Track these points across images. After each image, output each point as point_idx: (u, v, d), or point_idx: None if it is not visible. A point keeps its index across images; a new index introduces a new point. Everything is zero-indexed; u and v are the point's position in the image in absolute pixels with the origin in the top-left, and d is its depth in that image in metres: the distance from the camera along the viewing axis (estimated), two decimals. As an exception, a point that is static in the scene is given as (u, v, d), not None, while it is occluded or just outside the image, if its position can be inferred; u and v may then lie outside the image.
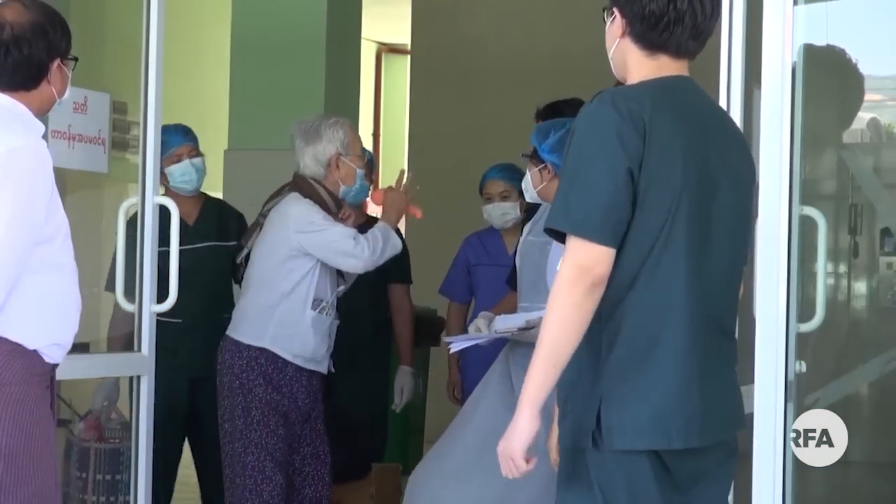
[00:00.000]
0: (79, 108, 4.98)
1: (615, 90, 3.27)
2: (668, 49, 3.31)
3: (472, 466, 5.17)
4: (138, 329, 5.02)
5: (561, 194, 3.19)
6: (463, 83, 10.70)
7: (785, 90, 4.39)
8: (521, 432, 3.20)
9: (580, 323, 3.14)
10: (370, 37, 13.67)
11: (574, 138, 3.21)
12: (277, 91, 8.24)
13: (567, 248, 3.16)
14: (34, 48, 3.60)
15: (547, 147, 4.93)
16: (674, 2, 3.27)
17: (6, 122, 3.55)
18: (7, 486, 3.48)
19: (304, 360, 5.32)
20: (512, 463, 3.22)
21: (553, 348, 3.14)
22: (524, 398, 3.18)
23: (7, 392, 3.50)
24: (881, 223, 6.37)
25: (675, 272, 3.21)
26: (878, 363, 5.68)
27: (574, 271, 3.13)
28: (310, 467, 5.42)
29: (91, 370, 5.08)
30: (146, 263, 5.02)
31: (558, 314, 3.14)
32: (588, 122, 3.20)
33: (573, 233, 3.15)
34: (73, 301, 3.65)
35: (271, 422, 5.28)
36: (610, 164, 3.15)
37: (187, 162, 5.76)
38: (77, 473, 5.26)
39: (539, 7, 10.60)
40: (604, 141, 3.16)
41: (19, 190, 3.47)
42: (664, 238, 3.19)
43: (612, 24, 3.37)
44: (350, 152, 5.39)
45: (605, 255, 3.13)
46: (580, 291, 3.12)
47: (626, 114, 3.18)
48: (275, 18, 8.39)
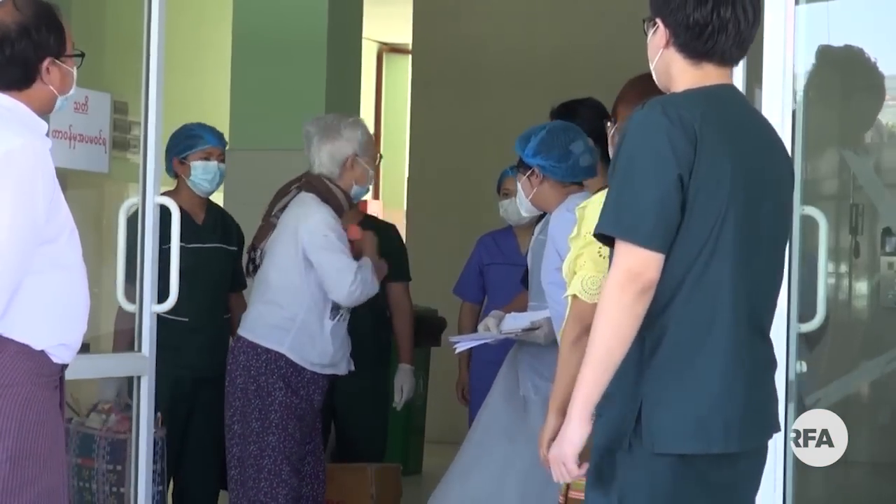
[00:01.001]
0: (80, 108, 4.98)
1: (664, 98, 3.30)
2: (712, 57, 3.34)
3: (474, 463, 5.19)
4: (139, 329, 5.02)
5: (611, 200, 3.22)
6: (463, 83, 10.70)
7: (786, 90, 4.40)
8: (573, 437, 3.20)
9: (631, 327, 3.16)
10: (371, 37, 13.67)
11: (624, 145, 3.23)
12: (278, 91, 8.24)
13: (616, 253, 3.19)
14: (17, 48, 3.60)
15: (530, 151, 4.97)
16: (718, 10, 3.29)
17: (4, 123, 3.55)
18: (12, 488, 3.47)
19: (322, 367, 5.37)
20: (564, 468, 3.23)
21: (605, 353, 3.16)
22: (575, 403, 3.19)
23: (14, 393, 3.49)
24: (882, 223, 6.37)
25: (722, 278, 3.23)
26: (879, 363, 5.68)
27: (624, 276, 3.15)
28: (308, 466, 5.42)
29: (91, 370, 5.08)
30: (147, 263, 5.02)
31: (609, 319, 3.16)
32: (638, 129, 3.23)
33: (624, 238, 3.17)
34: (81, 300, 3.64)
35: (289, 425, 5.30)
36: (661, 170, 3.18)
37: (215, 164, 5.77)
38: (109, 467, 5.24)
39: (539, 7, 10.60)
40: (655, 147, 3.19)
41: (19, 191, 3.46)
42: (712, 244, 3.22)
43: (655, 35, 3.38)
44: (366, 153, 5.41)
45: (655, 261, 3.16)
46: (630, 296, 3.15)
47: (677, 121, 3.20)
48: (276, 18, 8.39)
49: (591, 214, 3.92)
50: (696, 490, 3.25)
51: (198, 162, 5.74)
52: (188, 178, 5.75)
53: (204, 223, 5.81)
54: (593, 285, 3.85)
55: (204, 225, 5.81)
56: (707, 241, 3.22)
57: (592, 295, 3.84)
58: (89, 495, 5.28)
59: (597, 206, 3.92)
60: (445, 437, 8.55)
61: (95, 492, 5.28)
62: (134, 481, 5.03)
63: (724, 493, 3.31)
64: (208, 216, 5.85)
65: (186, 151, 5.75)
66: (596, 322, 3.17)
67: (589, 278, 3.86)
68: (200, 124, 5.88)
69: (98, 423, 5.30)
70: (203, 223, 5.81)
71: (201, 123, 5.89)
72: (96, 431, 5.28)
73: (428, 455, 9.51)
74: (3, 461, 3.46)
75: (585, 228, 3.90)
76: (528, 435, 5.05)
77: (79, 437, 5.30)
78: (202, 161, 5.74)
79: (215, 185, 5.82)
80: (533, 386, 5.25)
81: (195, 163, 5.73)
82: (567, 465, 3.22)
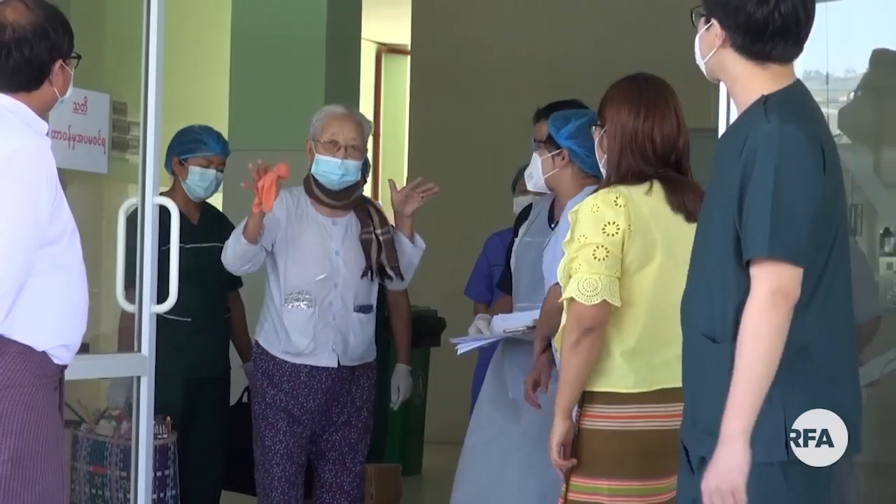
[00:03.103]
0: (79, 109, 4.98)
1: (783, 106, 3.22)
2: (774, 58, 3.28)
3: (471, 464, 5.19)
4: (138, 329, 5.02)
5: (763, 219, 3.14)
6: (463, 83, 10.70)
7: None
8: (741, 465, 3.11)
9: (781, 346, 3.12)
10: (370, 37, 13.66)
11: (763, 163, 3.16)
12: (277, 91, 8.24)
13: (763, 271, 3.13)
14: (35, 49, 3.58)
15: (566, 133, 4.83)
16: (778, 9, 3.22)
17: (7, 124, 3.54)
18: (13, 487, 3.47)
19: (292, 356, 5.28)
20: (732, 498, 3.12)
21: (763, 375, 3.11)
22: (738, 430, 3.11)
23: (16, 394, 3.49)
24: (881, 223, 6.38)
25: (843, 287, 3.27)
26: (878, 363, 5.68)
27: (778, 297, 3.11)
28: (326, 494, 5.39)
29: (91, 370, 5.08)
30: (146, 263, 5.02)
31: (764, 340, 3.11)
32: (780, 147, 3.16)
33: (784, 258, 3.13)
34: (81, 302, 3.64)
35: (281, 423, 5.26)
36: (810, 188, 3.16)
37: (213, 171, 5.74)
38: (122, 474, 5.22)
39: (539, 7, 10.60)
40: (801, 164, 3.16)
41: (21, 193, 3.46)
42: (836, 255, 3.24)
43: (708, 33, 3.30)
44: (315, 137, 5.33)
45: (800, 277, 3.15)
46: (784, 316, 3.12)
47: (812, 137, 3.19)
48: (275, 19, 8.39)
49: (582, 217, 3.91)
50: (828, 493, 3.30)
51: (196, 167, 5.71)
52: (184, 181, 5.73)
53: (200, 223, 5.81)
54: (589, 287, 3.84)
55: (200, 225, 5.80)
56: (832, 251, 3.22)
57: (589, 297, 3.83)
58: (102, 502, 5.28)
59: (588, 210, 3.93)
60: (445, 438, 8.54)
61: (109, 499, 5.28)
62: (134, 482, 5.03)
63: None
64: (203, 216, 5.85)
65: (187, 154, 5.73)
66: (748, 344, 3.11)
67: (585, 280, 3.85)
68: (207, 129, 5.85)
69: (109, 431, 5.30)
70: (199, 223, 5.80)
71: (207, 128, 5.87)
72: (108, 439, 5.28)
73: (427, 455, 9.51)
74: (4, 461, 3.46)
75: (579, 232, 3.90)
76: (522, 429, 5.06)
77: (89, 444, 5.30)
78: (201, 167, 5.72)
79: (210, 193, 5.82)
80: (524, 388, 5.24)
81: (193, 167, 5.71)
82: (737, 495, 3.11)
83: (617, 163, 3.95)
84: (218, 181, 5.78)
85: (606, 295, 3.80)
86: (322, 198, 5.32)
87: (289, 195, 5.31)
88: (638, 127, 3.92)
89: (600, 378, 3.89)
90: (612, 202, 3.87)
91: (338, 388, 5.33)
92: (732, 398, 3.11)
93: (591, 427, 3.90)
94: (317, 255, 5.28)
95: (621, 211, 3.83)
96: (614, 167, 3.96)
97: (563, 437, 3.93)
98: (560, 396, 3.93)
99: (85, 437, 5.29)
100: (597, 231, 3.86)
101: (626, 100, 3.87)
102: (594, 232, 3.86)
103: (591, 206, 3.90)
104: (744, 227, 3.17)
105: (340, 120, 5.34)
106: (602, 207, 3.88)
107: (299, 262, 5.28)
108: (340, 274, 5.32)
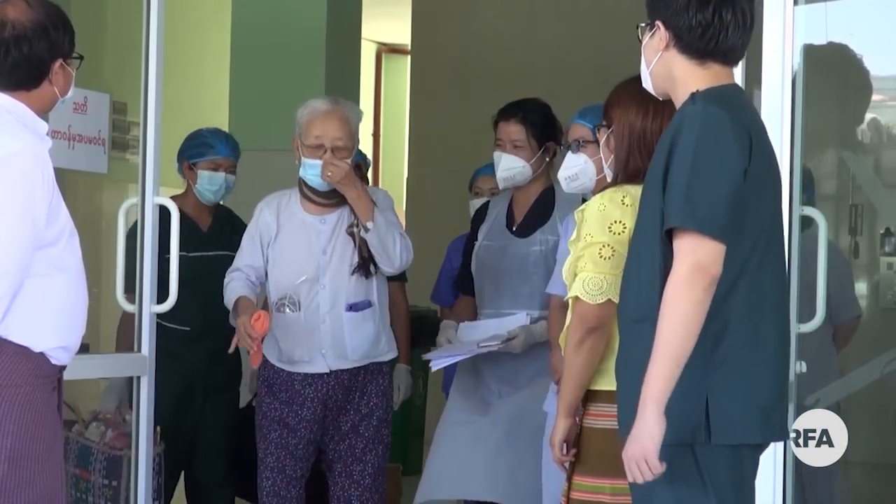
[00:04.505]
0: (79, 109, 4.98)
1: (710, 95, 3.33)
2: (716, 56, 3.40)
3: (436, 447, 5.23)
4: (138, 329, 5.02)
5: (679, 192, 3.23)
6: (463, 83, 10.70)
7: (785, 90, 4.40)
8: (654, 433, 3.19)
9: (700, 322, 3.19)
10: (370, 37, 13.67)
11: (684, 138, 3.26)
12: (277, 91, 8.23)
13: (682, 246, 3.21)
14: (35, 47, 3.57)
15: None
16: (719, 12, 3.36)
17: (4, 125, 3.53)
18: (10, 488, 3.46)
19: (284, 364, 5.15)
20: (646, 465, 3.21)
21: (678, 348, 3.18)
22: (649, 399, 3.19)
23: (13, 394, 3.49)
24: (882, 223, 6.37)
25: (774, 271, 3.33)
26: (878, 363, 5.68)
27: (695, 270, 3.18)
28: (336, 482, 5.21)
29: (91, 370, 5.08)
30: (146, 264, 5.03)
31: (680, 313, 3.18)
32: (700, 122, 3.26)
33: (700, 230, 3.20)
34: (80, 303, 3.63)
35: (273, 434, 5.14)
36: (730, 163, 3.23)
37: (223, 175, 5.73)
38: (105, 482, 5.16)
39: (539, 7, 10.60)
40: (721, 141, 3.24)
41: (19, 195, 3.45)
42: (765, 240, 3.30)
43: (653, 39, 3.44)
44: (299, 135, 5.18)
45: (721, 254, 3.21)
46: (700, 290, 3.18)
47: (737, 117, 3.29)
48: (275, 19, 8.39)
49: (589, 216, 3.92)
50: (752, 478, 3.37)
51: (205, 171, 5.71)
52: (194, 185, 5.73)
53: (210, 230, 5.79)
54: (594, 286, 3.85)
55: (209, 232, 5.78)
56: (759, 237, 3.29)
57: (594, 296, 3.84)
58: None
59: (594, 209, 3.93)
60: (445, 438, 8.53)
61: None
62: (134, 481, 5.02)
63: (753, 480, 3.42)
64: (215, 223, 5.82)
65: (196, 158, 5.73)
66: (665, 316, 3.19)
67: (590, 279, 3.86)
68: (215, 132, 5.85)
69: (97, 436, 5.24)
70: (209, 230, 5.78)
71: (216, 131, 5.87)
72: (94, 444, 5.22)
73: (427, 455, 9.50)
74: (1, 461, 3.46)
75: (586, 231, 3.90)
76: (491, 419, 5.08)
77: (78, 448, 5.25)
78: (209, 171, 5.72)
79: (220, 196, 5.80)
80: (497, 390, 5.25)
81: (202, 171, 5.71)
82: (650, 460, 3.20)
83: (625, 162, 3.95)
84: (228, 184, 5.76)
85: (611, 294, 3.80)
86: (312, 197, 5.19)
87: (278, 198, 5.24)
88: (647, 127, 3.92)
89: (604, 377, 3.89)
90: (619, 201, 3.88)
91: (337, 395, 5.15)
92: (649, 370, 3.19)
93: (595, 426, 3.90)
94: (301, 258, 5.13)
95: (628, 210, 3.83)
96: (622, 167, 3.96)
97: (566, 434, 3.94)
98: (563, 395, 3.94)
99: (75, 439, 5.25)
100: (603, 230, 3.86)
101: (634, 100, 3.87)
102: (600, 231, 3.86)
103: (598, 205, 3.91)
104: (665, 200, 3.25)
105: (324, 118, 5.14)
106: (609, 207, 3.88)
107: (284, 267, 5.16)
108: (328, 274, 5.13)
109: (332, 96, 5.29)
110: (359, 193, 5.08)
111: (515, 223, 5.38)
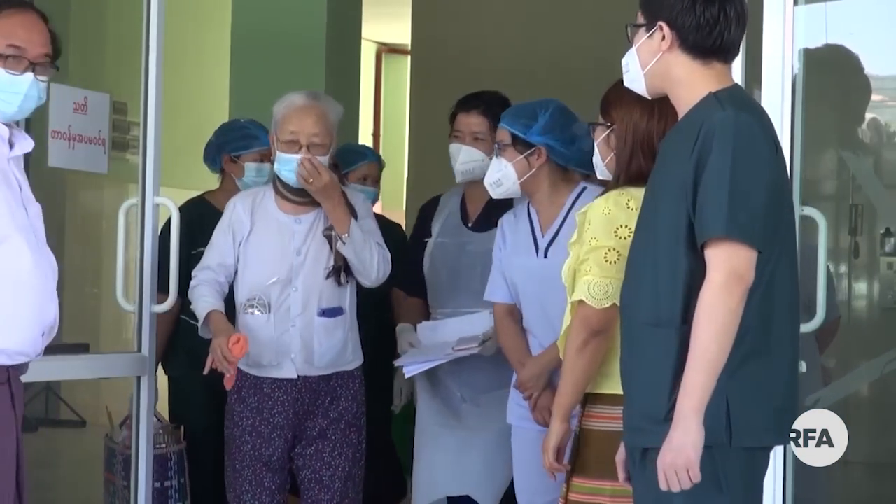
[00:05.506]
0: (79, 109, 4.98)
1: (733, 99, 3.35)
2: (719, 54, 3.41)
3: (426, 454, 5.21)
4: (138, 329, 5.02)
5: (720, 200, 3.22)
6: (463, 83, 10.65)
7: (785, 90, 4.40)
8: (696, 443, 3.19)
9: (735, 330, 3.20)
10: (370, 37, 13.68)
11: (720, 147, 3.25)
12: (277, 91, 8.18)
13: (718, 254, 3.21)
14: None
15: (538, 129, 4.68)
16: (724, 9, 3.38)
17: None
18: None
19: (253, 368, 4.89)
20: (686, 474, 3.20)
21: (717, 355, 3.19)
22: (690, 409, 3.18)
23: None
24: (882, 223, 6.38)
25: (788, 274, 3.34)
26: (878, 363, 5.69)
27: (732, 279, 3.19)
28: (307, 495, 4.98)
29: (91, 370, 5.09)
30: (146, 263, 5.02)
31: (720, 322, 3.19)
32: (736, 133, 3.26)
33: (742, 239, 3.20)
34: (23, 308, 3.57)
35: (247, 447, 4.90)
36: (765, 173, 3.26)
37: (268, 165, 5.49)
38: (124, 483, 5.12)
39: (538, 8, 10.60)
40: (756, 150, 3.26)
41: None
42: (780, 245, 3.31)
43: (651, 40, 3.42)
44: (275, 130, 4.97)
45: (754, 261, 3.23)
46: (737, 298, 3.20)
47: (767, 126, 3.33)
48: (275, 19, 8.39)
49: (593, 219, 3.89)
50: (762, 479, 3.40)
51: (252, 163, 5.57)
52: (240, 179, 5.57)
53: None
54: (600, 291, 3.82)
55: None
56: (775, 243, 3.30)
57: (599, 300, 3.82)
58: None
59: (599, 213, 3.91)
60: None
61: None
62: (134, 481, 5.02)
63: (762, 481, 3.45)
64: None
65: (241, 150, 5.59)
66: (703, 325, 3.19)
67: (595, 283, 3.83)
68: (255, 122, 5.69)
69: (121, 440, 5.21)
70: None
71: (255, 121, 5.71)
72: (117, 447, 5.20)
73: (427, 455, 9.48)
74: None
75: (590, 234, 3.87)
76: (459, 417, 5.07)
77: (107, 452, 5.26)
78: (257, 163, 5.58)
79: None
80: (461, 394, 5.13)
81: (250, 164, 5.57)
82: (692, 470, 3.19)
83: (627, 163, 3.90)
84: (269, 173, 5.52)
85: (616, 298, 3.77)
86: (286, 194, 4.94)
87: (253, 195, 5.03)
88: (652, 128, 3.87)
89: (606, 380, 3.87)
90: (624, 205, 3.84)
91: (307, 399, 4.91)
92: (686, 378, 3.19)
93: (595, 428, 3.89)
94: (274, 258, 4.89)
95: (633, 214, 3.78)
96: (624, 168, 3.91)
97: (560, 440, 3.92)
98: (560, 398, 3.92)
99: (106, 444, 5.24)
100: (608, 234, 3.83)
101: (638, 100, 3.82)
102: (606, 235, 3.83)
103: (603, 208, 3.87)
104: (699, 210, 3.24)
105: (300, 113, 4.92)
106: (614, 210, 3.85)
107: (254, 266, 4.91)
108: (301, 276, 4.89)
109: (312, 90, 5.11)
110: (335, 205, 4.88)
111: (470, 219, 5.31)
